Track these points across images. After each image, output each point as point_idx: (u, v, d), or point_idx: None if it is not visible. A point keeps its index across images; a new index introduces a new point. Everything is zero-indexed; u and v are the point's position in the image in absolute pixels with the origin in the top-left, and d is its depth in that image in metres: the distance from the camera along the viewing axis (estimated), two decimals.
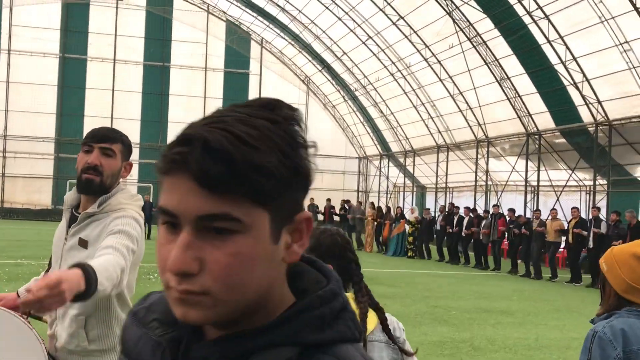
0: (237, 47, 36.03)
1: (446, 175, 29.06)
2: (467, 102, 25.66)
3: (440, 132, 28.91)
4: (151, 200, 26.24)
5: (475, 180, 26.86)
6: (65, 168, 34.34)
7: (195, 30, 35.60)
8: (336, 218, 25.98)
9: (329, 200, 26.92)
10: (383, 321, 2.03)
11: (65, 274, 1.94)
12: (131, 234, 2.50)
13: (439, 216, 22.50)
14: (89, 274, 2.02)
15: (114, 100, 34.78)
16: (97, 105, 34.65)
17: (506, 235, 19.14)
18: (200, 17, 35.48)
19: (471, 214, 20.85)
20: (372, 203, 26.16)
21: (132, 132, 35.01)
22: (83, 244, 2.56)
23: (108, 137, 2.62)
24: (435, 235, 22.26)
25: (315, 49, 33.66)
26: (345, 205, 26.06)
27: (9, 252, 16.22)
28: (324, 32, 31.03)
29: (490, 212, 20.04)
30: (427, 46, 25.62)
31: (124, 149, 2.69)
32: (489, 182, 27.03)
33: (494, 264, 19.02)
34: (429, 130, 29.37)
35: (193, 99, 35.84)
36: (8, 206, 33.72)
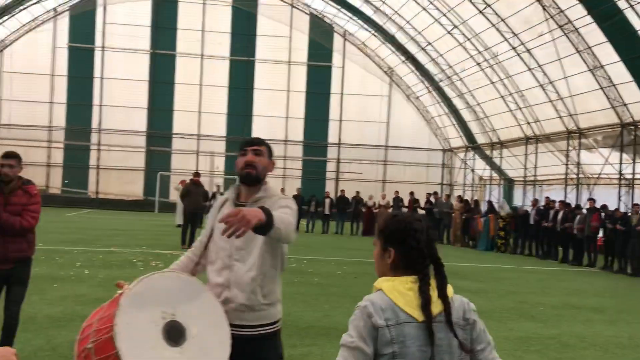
0: (320, 40, 36.14)
1: (535, 167, 28.11)
2: (557, 92, 24.70)
3: (529, 123, 27.97)
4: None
5: (566, 174, 25.84)
6: (155, 161, 35.60)
7: (279, 25, 35.97)
8: (421, 212, 25.58)
9: (412, 193, 26.59)
10: (446, 312, 2.11)
11: (246, 209, 2.71)
12: (294, 209, 3.19)
13: (531, 210, 21.70)
14: (268, 210, 2.79)
15: (201, 94, 35.67)
16: (185, 99, 35.71)
17: (601, 231, 18.22)
18: (285, 11, 35.79)
19: (566, 209, 20.00)
20: (460, 196, 25.59)
21: (219, 125, 35.90)
22: None
23: (257, 141, 3.41)
24: (528, 230, 21.44)
25: (399, 39, 33.29)
26: (431, 198, 25.61)
27: (103, 241, 16.91)
28: (408, 22, 30.64)
29: (585, 206, 19.14)
30: (515, 34, 24.82)
31: (268, 150, 3.43)
32: (580, 175, 25.91)
33: (587, 260, 18.20)
34: (517, 122, 28.48)
35: (277, 92, 36.25)
36: (103, 197, 35.29)
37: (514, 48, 25.40)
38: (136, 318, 2.71)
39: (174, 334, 2.78)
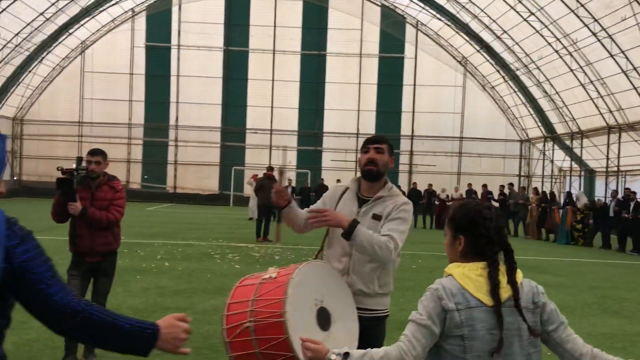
0: (392, 31, 35.81)
1: (618, 158, 26.97)
2: None
3: (611, 111, 26.85)
4: (309, 186, 26.91)
5: None
6: (230, 155, 36.26)
7: (350, 17, 35.86)
8: (494, 204, 25.06)
9: (485, 185, 26.07)
10: (515, 297, 2.20)
11: (338, 213, 3.44)
12: (407, 220, 3.53)
13: (611, 202, 20.86)
14: (355, 224, 3.31)
15: (273, 90, 36.05)
16: (258, 95, 36.17)
17: None
18: (356, 3, 35.64)
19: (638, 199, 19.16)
20: (536, 188, 24.88)
21: (291, 120, 36.19)
22: (377, 217, 3.54)
23: (378, 139, 3.76)
24: (607, 222, 20.63)
25: (473, 28, 32.60)
26: (505, 190, 25.01)
27: (182, 234, 17.38)
28: (482, 10, 29.94)
29: None
30: (595, 20, 23.86)
31: (389, 147, 3.73)
32: None
33: None
34: (599, 110, 27.38)
35: (348, 85, 36.20)
36: (180, 191, 36.26)
37: (594, 34, 24.42)
38: (298, 306, 3.05)
39: (323, 319, 3.15)
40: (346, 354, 2.20)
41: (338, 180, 26.75)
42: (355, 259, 3.51)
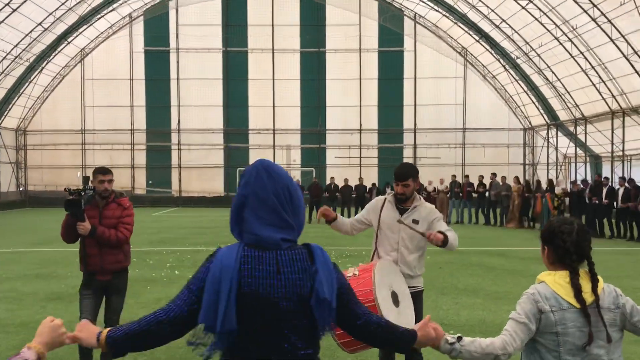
0: (391, 25, 35.70)
1: (622, 142, 26.85)
2: None
3: (614, 96, 26.74)
4: (318, 182, 26.97)
5: None
6: (234, 157, 36.25)
7: (348, 13, 35.78)
8: (475, 195, 25.08)
9: (467, 177, 26.02)
10: (597, 303, 2.62)
11: (438, 235, 4.68)
12: (442, 218, 5.05)
13: (588, 188, 20.91)
14: (447, 237, 4.67)
15: (274, 89, 36.00)
16: (259, 95, 36.15)
17: None
18: None
19: (627, 185, 19.13)
20: (517, 177, 24.86)
21: (293, 118, 36.17)
22: (415, 222, 4.90)
23: (404, 177, 4.91)
24: (584, 208, 20.64)
25: (472, 18, 32.48)
26: (484, 181, 25.01)
27: (190, 239, 17.38)
28: (480, 0, 29.82)
29: None
30: (594, 5, 23.72)
31: (413, 178, 4.94)
32: None
33: None
34: (602, 95, 27.27)
35: (349, 81, 36.13)
36: (185, 195, 36.28)
37: (594, 19, 24.29)
38: (381, 293, 4.18)
39: (394, 299, 4.33)
40: (459, 337, 2.63)
41: (346, 180, 26.79)
42: (401, 252, 4.92)
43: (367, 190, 27.36)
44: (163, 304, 7.58)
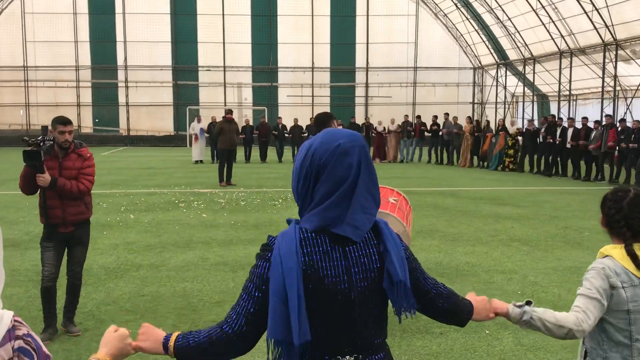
0: None
1: (570, 82, 27.42)
2: (592, 3, 23.73)
3: (562, 36, 27.10)
4: (267, 121, 26.65)
5: (603, 87, 25.17)
6: (183, 95, 35.54)
7: None
8: (427, 134, 25.45)
9: (418, 117, 26.36)
10: None
11: None
12: None
13: (541, 127, 21.44)
14: None
15: (224, 24, 35.13)
16: (208, 31, 35.22)
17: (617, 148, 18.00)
18: None
19: (575, 125, 19.73)
20: (469, 117, 25.27)
21: (244, 56, 35.53)
22: None
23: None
24: (536, 148, 21.25)
25: None
26: (437, 120, 25.36)
27: (142, 181, 17.14)
28: None
29: (603, 122, 18.79)
30: None
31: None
32: (618, 88, 25.23)
33: (596, 175, 18.35)
34: (551, 35, 27.61)
35: (301, 18, 35.52)
36: (134, 134, 35.57)
37: None
38: None
39: None
40: (528, 302, 2.45)
41: (295, 120, 26.55)
42: None
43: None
44: (120, 250, 7.54)
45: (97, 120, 35.91)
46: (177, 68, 35.61)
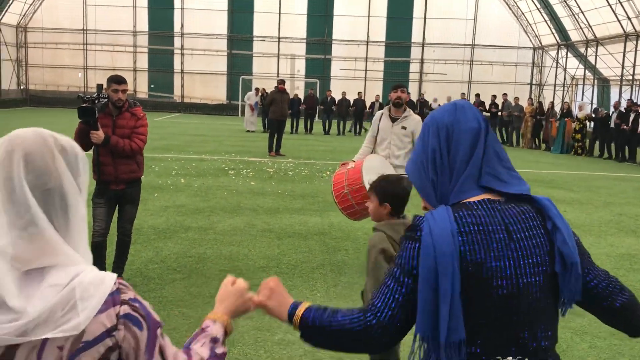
0: None
1: (633, 66, 26.42)
2: None
3: (629, 18, 26.06)
4: (316, 95, 26.61)
5: None
6: (237, 64, 35.70)
7: None
8: (486, 114, 24.92)
9: (477, 95, 25.74)
10: None
11: None
12: None
13: (613, 113, 20.68)
14: None
15: None
16: (265, 1, 35.14)
17: None
18: None
19: None
20: (530, 99, 24.71)
21: (299, 27, 35.38)
22: (404, 128, 6.38)
23: (401, 85, 6.65)
24: (608, 133, 20.58)
25: None
26: (496, 100, 24.78)
27: (194, 147, 17.36)
28: None
29: None
30: None
31: (406, 88, 6.50)
32: None
33: None
34: (617, 17, 26.58)
35: None
36: (188, 101, 36.00)
37: None
38: (367, 178, 5.41)
39: None
40: None
41: (344, 93, 26.40)
42: (392, 148, 6.41)
43: (369, 105, 27.17)
44: (171, 212, 7.63)
45: (152, 86, 36.44)
46: (232, 37, 35.74)
